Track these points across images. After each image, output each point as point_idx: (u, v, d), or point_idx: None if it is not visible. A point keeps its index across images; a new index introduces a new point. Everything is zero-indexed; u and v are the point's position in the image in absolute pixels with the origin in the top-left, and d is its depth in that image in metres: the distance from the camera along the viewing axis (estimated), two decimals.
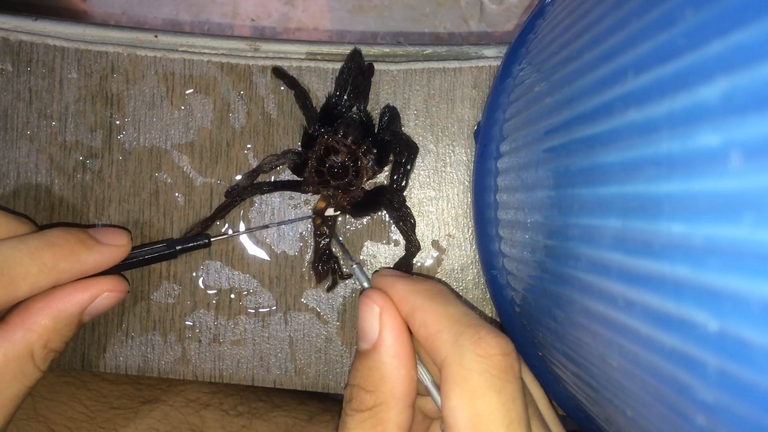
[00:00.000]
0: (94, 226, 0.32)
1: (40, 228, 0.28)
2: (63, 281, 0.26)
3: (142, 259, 0.30)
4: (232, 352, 0.33)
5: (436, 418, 0.27)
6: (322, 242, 0.31)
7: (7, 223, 0.26)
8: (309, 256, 0.32)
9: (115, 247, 0.27)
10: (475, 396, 0.20)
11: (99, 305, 0.27)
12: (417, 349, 0.24)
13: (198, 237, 0.31)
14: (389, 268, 0.32)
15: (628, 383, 0.17)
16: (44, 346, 0.25)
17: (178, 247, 0.30)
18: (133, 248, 0.29)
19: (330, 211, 0.31)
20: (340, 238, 0.31)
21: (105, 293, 0.27)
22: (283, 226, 0.32)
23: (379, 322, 0.23)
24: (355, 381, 0.23)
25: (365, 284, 0.26)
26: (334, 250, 0.31)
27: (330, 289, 0.32)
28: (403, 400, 0.22)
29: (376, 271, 0.26)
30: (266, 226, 0.32)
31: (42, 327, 0.25)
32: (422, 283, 0.24)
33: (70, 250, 0.26)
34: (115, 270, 0.28)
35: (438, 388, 0.22)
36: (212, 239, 0.31)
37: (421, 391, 0.24)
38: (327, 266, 0.31)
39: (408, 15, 0.53)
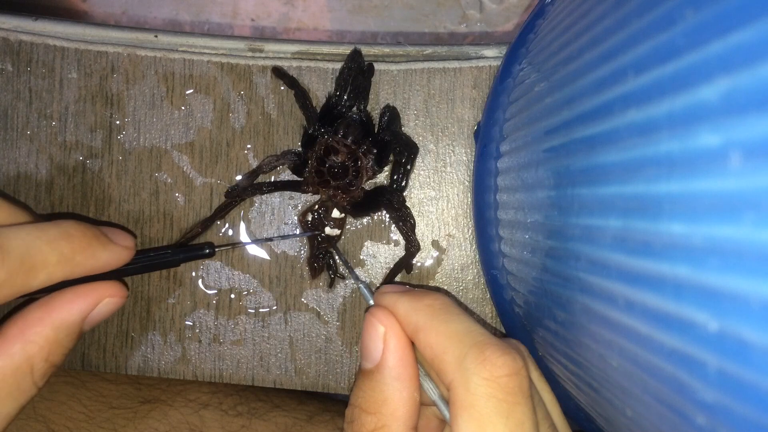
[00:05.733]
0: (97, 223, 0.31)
1: (42, 218, 0.26)
2: (75, 275, 0.24)
3: (144, 265, 0.28)
4: (232, 352, 0.33)
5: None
6: (319, 240, 0.31)
7: (9, 209, 0.25)
8: (304, 252, 0.32)
9: (124, 248, 0.26)
10: (483, 423, 0.19)
11: (100, 312, 0.25)
12: (424, 363, 0.23)
13: (202, 246, 0.30)
14: (391, 283, 0.32)
15: (628, 383, 0.17)
16: (45, 360, 0.23)
17: (181, 256, 0.29)
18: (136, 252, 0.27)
19: (336, 213, 0.31)
20: (346, 259, 0.31)
21: (106, 299, 0.25)
22: (283, 228, 0.32)
23: (382, 343, 0.22)
24: (356, 401, 0.22)
25: (371, 302, 0.26)
26: (331, 251, 0.31)
27: (330, 285, 0.32)
28: (405, 423, 0.22)
29: (378, 287, 0.25)
30: (270, 239, 0.32)
31: (43, 338, 0.23)
32: (424, 299, 0.23)
33: (87, 243, 0.24)
34: (115, 275, 0.27)
35: (446, 402, 0.22)
36: (216, 249, 0.30)
37: (427, 401, 0.24)
38: (322, 262, 0.31)
39: (408, 15, 0.53)
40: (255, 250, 0.33)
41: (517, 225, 0.26)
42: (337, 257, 0.31)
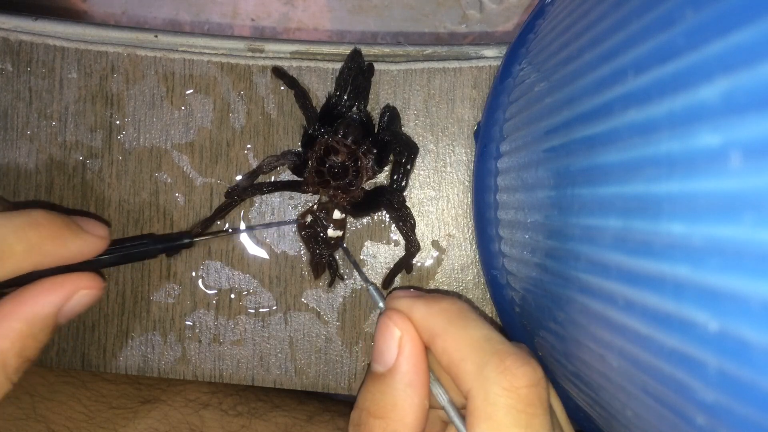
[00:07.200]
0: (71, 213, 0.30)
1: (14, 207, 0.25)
2: (44, 266, 0.23)
3: (121, 256, 0.27)
4: (232, 352, 0.33)
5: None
6: (318, 241, 0.31)
7: None
8: (305, 252, 0.32)
9: (97, 238, 0.25)
10: None
11: (75, 304, 0.24)
12: (436, 370, 0.23)
13: (181, 236, 0.30)
14: (404, 287, 0.32)
15: (628, 383, 0.17)
16: (19, 355, 0.22)
17: (159, 246, 0.28)
18: (112, 242, 0.26)
19: (336, 214, 0.31)
20: (356, 260, 0.31)
21: (81, 291, 0.24)
22: (283, 227, 0.32)
23: (397, 347, 0.22)
24: (364, 405, 0.22)
25: (381, 305, 0.26)
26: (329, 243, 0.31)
27: (330, 284, 0.32)
28: (414, 429, 0.21)
29: (390, 292, 0.25)
30: (252, 228, 0.32)
31: (16, 332, 0.22)
32: (440, 303, 0.22)
33: (56, 232, 0.23)
34: (92, 267, 0.26)
35: (454, 407, 0.22)
36: (195, 240, 0.30)
37: (434, 404, 0.24)
38: (323, 260, 0.31)
39: (408, 15, 0.53)
40: (255, 250, 0.33)
41: (517, 225, 0.26)
42: (347, 258, 0.31)
